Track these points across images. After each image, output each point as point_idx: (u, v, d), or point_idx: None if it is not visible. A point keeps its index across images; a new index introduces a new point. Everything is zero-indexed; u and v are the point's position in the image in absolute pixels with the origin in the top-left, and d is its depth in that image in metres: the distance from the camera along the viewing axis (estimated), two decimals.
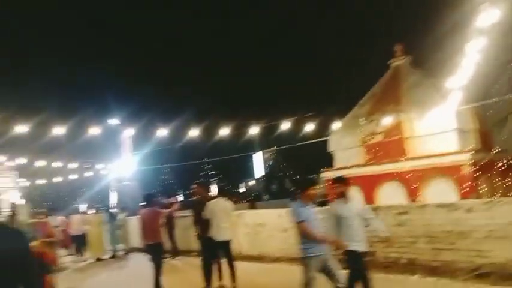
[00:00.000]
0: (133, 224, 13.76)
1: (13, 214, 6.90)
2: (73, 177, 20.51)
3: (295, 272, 8.06)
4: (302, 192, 4.62)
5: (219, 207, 6.73)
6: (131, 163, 17.14)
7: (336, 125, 13.55)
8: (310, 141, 16.05)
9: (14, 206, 7.16)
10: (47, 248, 8.00)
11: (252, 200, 31.24)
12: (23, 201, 32.28)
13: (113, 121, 16.33)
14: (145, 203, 7.31)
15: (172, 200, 11.06)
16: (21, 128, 10.02)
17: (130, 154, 16.99)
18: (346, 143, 13.81)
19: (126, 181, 17.01)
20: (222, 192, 7.16)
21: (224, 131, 10.55)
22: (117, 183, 16.88)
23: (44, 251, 7.84)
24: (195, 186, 7.33)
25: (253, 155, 21.79)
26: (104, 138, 16.47)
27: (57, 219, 11.65)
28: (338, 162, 14.06)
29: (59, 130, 10.75)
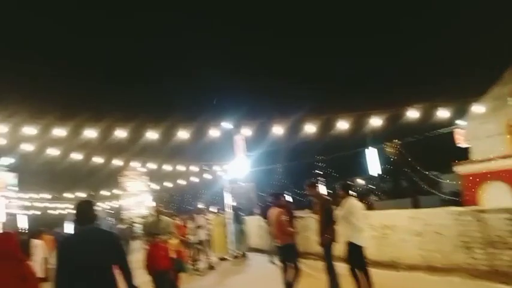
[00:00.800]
0: (252, 225, 13.90)
1: (158, 214, 7.29)
2: (194, 179, 21.97)
3: (437, 283, 6.97)
4: None
5: (355, 208, 5.96)
6: (245, 164, 17.44)
7: (474, 109, 11.53)
8: (433, 133, 14.13)
9: (158, 208, 7.51)
10: (182, 247, 8.33)
11: (367, 199, 29.24)
12: (153, 204, 36.29)
13: (227, 124, 16.66)
14: (271, 203, 7.02)
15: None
16: (152, 135, 10.77)
17: (244, 155, 17.28)
18: (485, 130, 11.70)
19: (240, 182, 17.38)
20: (347, 191, 6.27)
21: (341, 125, 9.73)
22: (232, 185, 17.36)
23: (180, 250, 8.13)
24: (306, 186, 6.80)
25: (367, 150, 20.11)
26: (219, 141, 17.02)
27: (201, 219, 11.46)
28: (475, 153, 12.00)
29: (183, 134, 11.37)
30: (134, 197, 36.45)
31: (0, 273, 3.16)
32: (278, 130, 11.20)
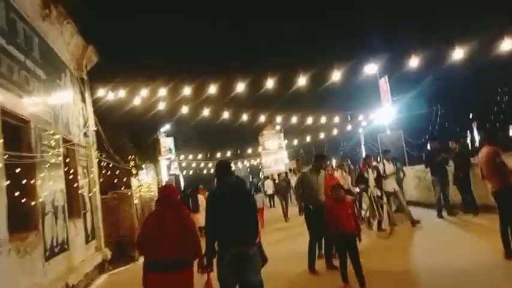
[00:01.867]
0: (409, 175, 12.41)
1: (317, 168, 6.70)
2: (334, 132, 21.07)
3: None
4: None
5: None
6: (391, 110, 15.78)
7: None
8: None
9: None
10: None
11: None
12: (287, 160, 36.88)
13: (371, 67, 15.03)
14: (489, 140, 5.79)
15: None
16: (302, 80, 10.07)
17: (389, 100, 15.60)
18: None
19: (387, 130, 15.86)
20: None
21: None
22: (378, 134, 15.95)
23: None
24: None
25: None
26: (362, 88, 15.63)
27: (389, 167, 9.75)
28: None
29: (335, 76, 10.39)
30: (273, 155, 37.79)
31: (166, 216, 3.87)
32: (458, 54, 9.26)
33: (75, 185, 8.02)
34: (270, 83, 9.60)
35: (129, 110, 12.04)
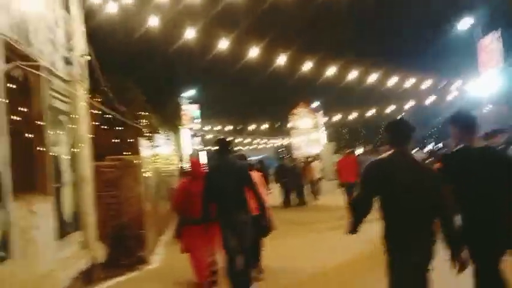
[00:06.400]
0: None
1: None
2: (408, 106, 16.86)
3: None
4: None
5: None
6: (495, 79, 11.73)
7: None
8: None
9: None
10: None
11: None
12: (324, 141, 32.81)
13: (465, 21, 11.39)
14: None
15: None
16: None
17: (495, 67, 11.54)
18: None
19: (487, 105, 11.91)
20: None
21: None
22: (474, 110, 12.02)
23: None
24: None
25: None
26: (450, 47, 11.75)
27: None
28: None
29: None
30: (304, 135, 33.88)
31: (193, 186, 4.90)
32: None
33: (32, 135, 4.53)
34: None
35: (143, 49, 8.46)
